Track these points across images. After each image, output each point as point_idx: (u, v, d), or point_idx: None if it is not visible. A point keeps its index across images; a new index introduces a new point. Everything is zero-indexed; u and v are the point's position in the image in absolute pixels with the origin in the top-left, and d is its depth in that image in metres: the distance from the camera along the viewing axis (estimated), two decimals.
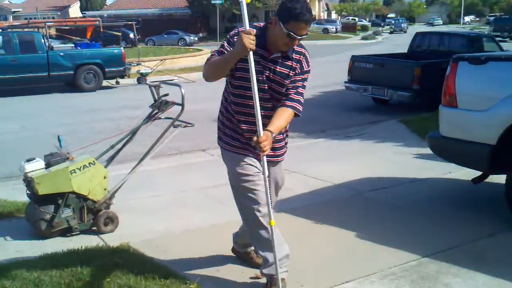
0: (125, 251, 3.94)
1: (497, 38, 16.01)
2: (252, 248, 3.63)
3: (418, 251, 3.83)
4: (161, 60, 18.90)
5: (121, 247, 4.01)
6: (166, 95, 4.70)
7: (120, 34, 19.65)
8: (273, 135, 2.98)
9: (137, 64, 17.00)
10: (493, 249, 3.87)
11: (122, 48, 16.28)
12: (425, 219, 4.57)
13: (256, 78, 2.95)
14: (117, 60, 15.41)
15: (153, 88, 4.77)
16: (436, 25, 70.24)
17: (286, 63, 3.15)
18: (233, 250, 3.84)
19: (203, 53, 24.83)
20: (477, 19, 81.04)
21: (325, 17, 69.36)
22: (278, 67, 3.13)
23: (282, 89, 3.15)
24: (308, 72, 3.22)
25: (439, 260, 3.68)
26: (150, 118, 4.74)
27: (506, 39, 36.87)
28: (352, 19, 66.54)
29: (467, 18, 74.30)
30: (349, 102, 11.77)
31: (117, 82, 16.42)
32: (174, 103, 4.62)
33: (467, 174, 5.11)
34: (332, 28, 53.68)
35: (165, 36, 41.20)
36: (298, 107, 3.16)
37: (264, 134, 2.93)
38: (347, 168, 6.33)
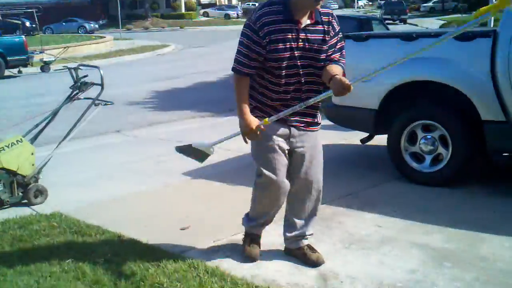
0: (59, 216, 4.31)
1: (388, 21, 17.26)
2: (305, 242, 3.47)
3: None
4: (64, 48, 18.70)
5: (54, 214, 4.37)
6: (85, 76, 5.06)
7: (20, 22, 19.14)
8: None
9: (40, 53, 16.74)
10: (378, 195, 4.64)
11: (23, 36, 15.97)
12: (323, 176, 5.28)
13: (292, 55, 2.97)
14: (19, 48, 15.17)
15: (72, 70, 5.10)
16: (332, 9, 72.66)
17: (318, 27, 3.02)
18: (285, 249, 3.56)
19: (107, 40, 24.64)
20: (370, 3, 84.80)
21: (226, 3, 69.93)
22: (310, 35, 3.01)
23: (321, 55, 3.04)
24: (340, 30, 3.14)
25: (334, 205, 4.39)
26: (70, 98, 5.07)
27: (396, 22, 39.13)
28: (252, 4, 67.58)
29: (360, 3, 77.58)
30: None
31: (20, 72, 16.11)
32: (93, 84, 5.00)
33: (360, 138, 5.90)
34: (234, 13, 54.37)
35: (64, 24, 40.01)
36: (344, 61, 3.13)
37: (340, 79, 2.86)
38: None
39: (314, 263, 3.34)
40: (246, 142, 3.22)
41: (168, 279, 3.16)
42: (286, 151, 3.22)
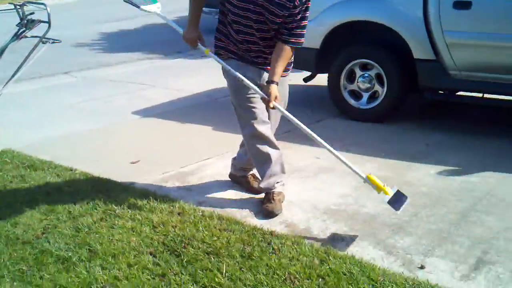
0: (10, 153, 4.42)
1: None
2: (250, 172, 3.70)
3: None
4: None
5: (5, 151, 4.47)
6: (32, 13, 5.04)
7: None
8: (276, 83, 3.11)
9: None
10: (318, 130, 4.88)
11: None
12: None
13: (253, 9, 3.02)
14: None
15: (18, 7, 5.07)
16: None
17: None
18: (230, 175, 3.81)
19: None
20: None
21: None
22: None
23: (278, 19, 3.04)
24: (308, 1, 3.08)
25: (280, 140, 4.65)
26: (17, 36, 5.06)
27: None
28: None
29: None
30: (206, 24, 12.42)
31: None
32: (40, 21, 5.00)
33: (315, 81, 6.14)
34: None
35: None
36: (297, 41, 3.14)
37: (270, 88, 3.08)
38: (204, 82, 7.10)
39: (257, 191, 3.58)
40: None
41: (120, 206, 3.38)
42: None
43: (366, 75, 4.97)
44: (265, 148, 3.34)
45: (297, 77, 6.49)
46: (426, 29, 4.51)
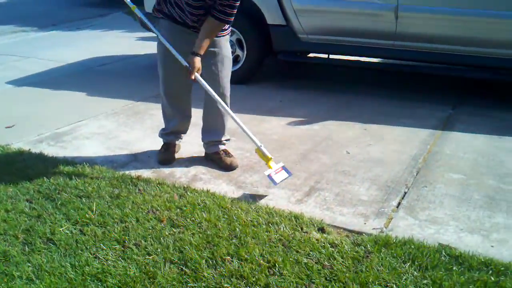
0: None
1: None
2: (222, 147, 3.74)
3: (133, 98, 5.16)
4: None
5: None
6: None
7: None
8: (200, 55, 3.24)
9: None
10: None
11: None
12: (141, 79, 5.90)
13: None
14: None
15: None
16: None
17: None
18: (205, 155, 3.84)
19: None
20: None
21: None
22: None
23: None
24: None
25: (147, 102, 5.06)
26: None
27: None
28: None
29: None
30: None
31: None
32: None
33: None
34: None
35: None
36: (224, 18, 3.21)
37: (193, 61, 3.22)
38: (78, 52, 7.28)
39: (228, 166, 3.65)
40: None
41: None
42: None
43: None
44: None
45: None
46: None
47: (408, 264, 2.48)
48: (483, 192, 3.19)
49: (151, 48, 7.35)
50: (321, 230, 2.80)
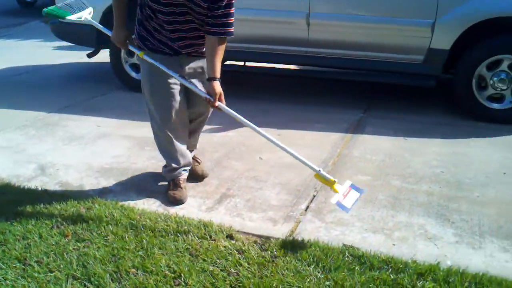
0: None
1: None
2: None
3: (46, 109, 5.00)
4: None
5: None
6: None
7: None
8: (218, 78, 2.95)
9: None
10: (101, 103, 5.27)
11: None
12: (57, 89, 5.72)
13: (176, 1, 2.83)
14: None
15: None
16: None
17: None
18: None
19: None
20: None
21: None
22: None
23: (199, 9, 2.86)
24: None
25: (60, 113, 4.91)
26: None
27: None
28: None
29: None
30: None
31: None
32: None
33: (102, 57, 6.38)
34: None
35: None
36: (225, 31, 2.89)
37: (212, 87, 2.93)
38: None
39: (199, 176, 3.56)
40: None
41: None
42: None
43: None
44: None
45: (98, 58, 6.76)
46: None
47: (313, 266, 2.52)
48: (387, 192, 3.30)
49: (67, 57, 7.20)
50: (230, 237, 2.80)
